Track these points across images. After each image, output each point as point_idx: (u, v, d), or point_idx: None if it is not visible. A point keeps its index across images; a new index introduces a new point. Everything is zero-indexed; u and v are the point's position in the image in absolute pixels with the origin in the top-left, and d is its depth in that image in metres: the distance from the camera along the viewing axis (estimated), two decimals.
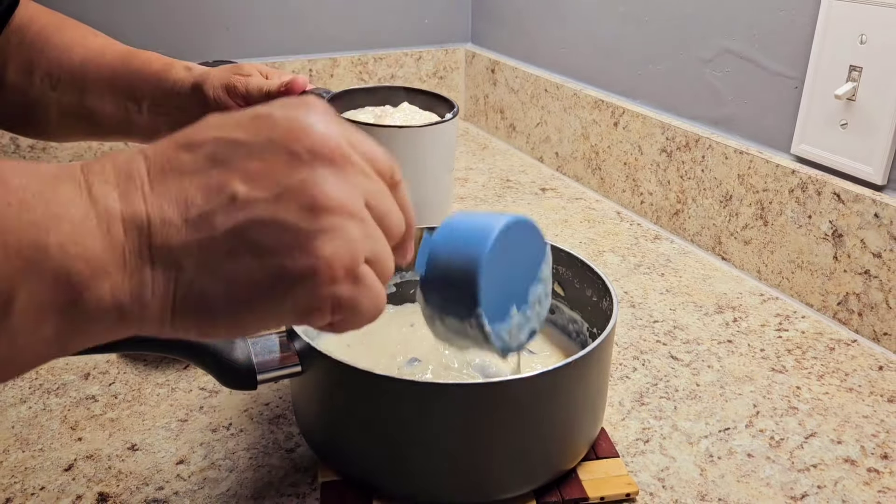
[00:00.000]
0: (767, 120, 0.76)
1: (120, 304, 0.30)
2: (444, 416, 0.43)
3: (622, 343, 0.66)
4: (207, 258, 0.30)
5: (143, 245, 0.30)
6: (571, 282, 0.56)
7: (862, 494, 0.49)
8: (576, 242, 0.85)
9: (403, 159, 0.60)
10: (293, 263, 0.31)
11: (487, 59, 1.25)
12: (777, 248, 0.74)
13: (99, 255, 0.29)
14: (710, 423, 0.55)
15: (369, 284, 0.33)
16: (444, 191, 0.66)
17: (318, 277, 0.31)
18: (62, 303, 0.28)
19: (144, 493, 0.48)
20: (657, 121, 0.88)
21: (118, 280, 0.29)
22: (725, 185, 0.79)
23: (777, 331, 0.68)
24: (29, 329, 0.28)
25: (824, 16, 0.68)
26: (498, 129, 1.25)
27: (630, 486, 0.48)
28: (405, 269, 0.60)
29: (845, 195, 0.67)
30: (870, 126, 0.65)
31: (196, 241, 0.30)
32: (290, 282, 0.31)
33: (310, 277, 0.31)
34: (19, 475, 0.49)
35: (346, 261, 0.32)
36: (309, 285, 0.31)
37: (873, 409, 0.57)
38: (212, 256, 0.30)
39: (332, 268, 0.31)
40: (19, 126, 0.78)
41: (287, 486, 0.49)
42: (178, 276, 0.30)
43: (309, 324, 0.34)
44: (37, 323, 0.28)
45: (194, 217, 0.30)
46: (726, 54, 0.80)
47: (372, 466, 0.46)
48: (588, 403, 0.47)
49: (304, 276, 0.31)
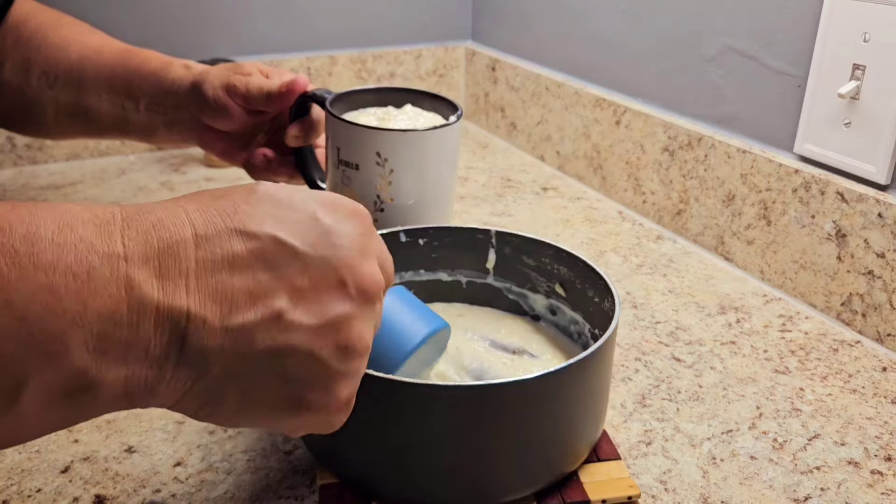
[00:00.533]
0: (770, 119, 0.76)
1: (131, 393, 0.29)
2: (444, 418, 0.42)
3: (624, 344, 0.65)
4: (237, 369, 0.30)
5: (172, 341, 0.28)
6: (573, 282, 0.56)
7: (865, 497, 0.48)
8: (577, 242, 0.85)
9: (408, 162, 0.60)
10: (314, 397, 0.32)
11: (488, 56, 1.24)
12: (780, 248, 0.74)
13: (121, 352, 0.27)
14: (713, 425, 0.55)
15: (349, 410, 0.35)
16: (447, 193, 0.66)
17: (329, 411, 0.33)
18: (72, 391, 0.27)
19: (141, 496, 0.47)
20: (659, 119, 0.87)
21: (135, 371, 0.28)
22: (728, 184, 0.79)
23: (780, 332, 0.67)
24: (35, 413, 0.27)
25: (827, 14, 0.67)
26: (498, 128, 1.24)
27: (632, 488, 0.48)
28: (404, 271, 0.60)
29: (849, 195, 0.66)
30: (873, 125, 0.65)
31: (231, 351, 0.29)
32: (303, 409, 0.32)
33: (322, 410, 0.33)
34: (16, 477, 0.49)
35: (347, 398, 0.34)
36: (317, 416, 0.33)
37: (877, 411, 0.57)
38: (242, 369, 0.30)
39: (338, 404, 0.33)
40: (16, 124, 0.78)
41: (285, 488, 0.48)
42: (200, 377, 0.30)
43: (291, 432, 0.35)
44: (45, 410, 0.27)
45: (236, 326, 0.29)
46: (729, 53, 0.79)
47: (371, 469, 0.45)
48: (590, 405, 0.47)
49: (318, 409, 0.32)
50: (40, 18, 0.73)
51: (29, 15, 0.73)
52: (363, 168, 0.60)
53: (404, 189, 0.61)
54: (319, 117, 0.66)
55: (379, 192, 0.61)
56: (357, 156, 0.60)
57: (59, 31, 0.72)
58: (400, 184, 0.61)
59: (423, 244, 0.59)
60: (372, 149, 0.59)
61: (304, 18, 1.19)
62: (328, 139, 0.63)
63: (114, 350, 0.27)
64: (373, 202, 0.61)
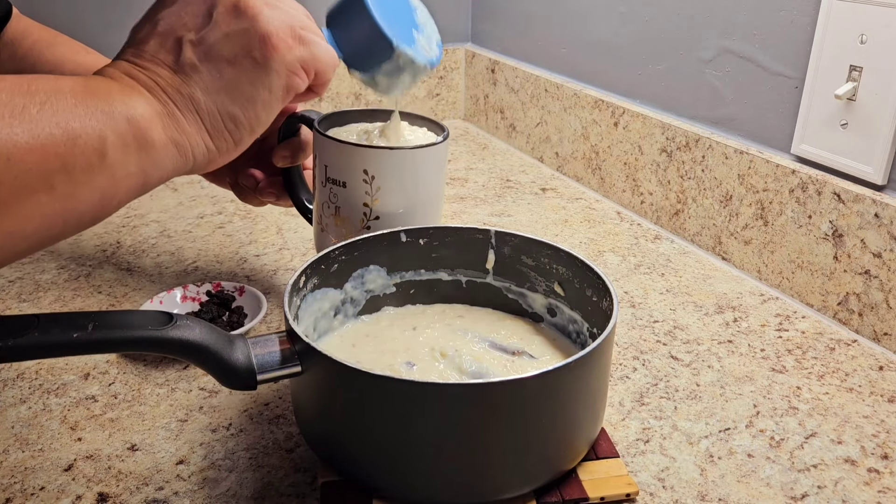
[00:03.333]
0: (767, 120, 0.76)
1: (173, 138, 0.42)
2: (444, 416, 0.43)
3: (622, 343, 0.66)
4: (205, 83, 0.43)
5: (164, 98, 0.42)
6: (571, 282, 0.56)
7: (862, 495, 0.49)
8: (576, 242, 0.85)
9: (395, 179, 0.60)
10: (257, 52, 0.44)
11: (487, 58, 1.25)
12: (777, 248, 0.74)
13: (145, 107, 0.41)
14: (711, 424, 0.55)
15: (314, 40, 0.47)
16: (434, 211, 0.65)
17: (279, 50, 0.44)
18: (138, 140, 0.40)
19: (144, 494, 0.48)
20: (657, 121, 0.88)
21: (166, 122, 0.42)
22: (725, 185, 0.79)
23: (777, 331, 0.68)
24: (121, 163, 0.39)
25: (824, 16, 0.68)
26: (498, 129, 1.25)
27: (630, 486, 0.48)
28: (405, 271, 0.60)
29: (845, 195, 0.67)
30: (870, 126, 0.65)
31: (190, 78, 0.43)
32: (265, 65, 0.44)
33: (273, 53, 0.44)
34: (19, 475, 0.49)
35: (288, 30, 0.44)
36: (277, 59, 0.44)
37: (873, 410, 0.57)
38: (206, 81, 0.43)
39: (282, 38, 0.44)
40: None
41: (287, 486, 0.49)
42: (196, 105, 0.43)
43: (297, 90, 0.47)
44: (125, 157, 0.39)
45: (178, 66, 0.43)
46: (726, 54, 0.80)
47: (372, 467, 0.46)
48: (588, 403, 0.47)
49: (270, 55, 0.44)
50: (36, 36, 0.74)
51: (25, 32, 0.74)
52: (350, 185, 0.60)
53: (391, 206, 0.61)
54: (308, 138, 0.66)
55: (366, 209, 0.61)
56: (344, 173, 0.60)
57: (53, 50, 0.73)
58: (387, 200, 0.61)
59: (424, 244, 0.60)
60: (359, 166, 0.59)
61: None
62: (316, 158, 0.64)
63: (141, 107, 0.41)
64: (360, 219, 0.61)
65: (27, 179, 0.36)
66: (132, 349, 0.43)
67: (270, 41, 0.44)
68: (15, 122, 0.36)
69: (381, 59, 0.53)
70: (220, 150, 0.45)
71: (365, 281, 0.59)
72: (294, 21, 0.46)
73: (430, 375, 0.52)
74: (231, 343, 0.45)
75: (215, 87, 0.43)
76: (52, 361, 0.62)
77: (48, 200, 0.37)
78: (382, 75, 0.55)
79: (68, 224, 0.39)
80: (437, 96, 1.32)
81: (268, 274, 0.77)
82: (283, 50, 0.44)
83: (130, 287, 0.74)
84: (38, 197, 0.36)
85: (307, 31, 0.47)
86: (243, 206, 0.96)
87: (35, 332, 0.40)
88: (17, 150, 0.35)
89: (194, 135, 0.43)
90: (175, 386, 0.59)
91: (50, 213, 0.37)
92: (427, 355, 0.54)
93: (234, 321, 0.65)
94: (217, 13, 0.44)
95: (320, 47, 0.47)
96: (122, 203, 0.42)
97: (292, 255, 0.81)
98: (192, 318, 0.44)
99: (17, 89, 0.37)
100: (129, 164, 0.40)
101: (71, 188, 0.37)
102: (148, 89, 0.42)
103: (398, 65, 0.54)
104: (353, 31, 0.53)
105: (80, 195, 0.38)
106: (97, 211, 0.40)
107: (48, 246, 0.45)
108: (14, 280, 0.76)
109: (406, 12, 0.57)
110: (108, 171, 0.39)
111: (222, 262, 0.80)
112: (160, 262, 0.80)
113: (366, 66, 0.55)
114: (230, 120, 0.44)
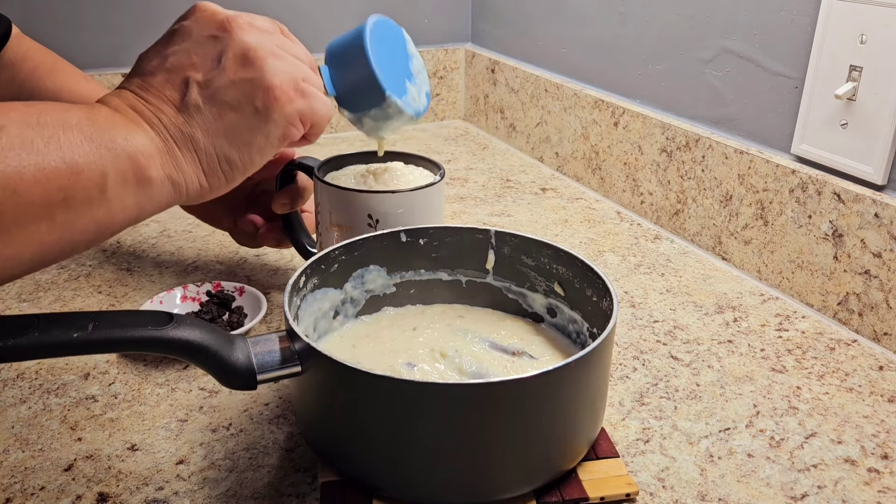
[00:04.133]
0: (767, 120, 0.76)
1: (170, 175, 0.43)
2: (444, 416, 0.43)
3: (622, 343, 0.66)
4: (206, 125, 0.44)
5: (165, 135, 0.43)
6: (571, 282, 0.56)
7: (862, 494, 0.49)
8: (576, 242, 0.85)
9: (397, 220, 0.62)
10: (260, 102, 0.45)
11: (487, 58, 1.25)
12: (777, 248, 0.74)
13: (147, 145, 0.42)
14: (711, 423, 0.55)
15: (314, 94, 0.48)
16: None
17: (280, 102, 0.45)
18: (137, 177, 0.41)
19: (144, 494, 0.48)
20: (657, 121, 0.88)
21: (165, 160, 0.43)
22: (725, 185, 0.79)
23: (777, 331, 0.68)
24: (119, 197, 0.41)
25: (824, 16, 0.68)
26: (498, 129, 1.25)
27: (630, 486, 0.48)
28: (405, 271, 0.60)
29: (845, 195, 0.67)
30: (870, 126, 0.65)
31: (192, 118, 0.44)
32: (265, 115, 0.45)
33: (275, 104, 0.45)
34: (19, 475, 0.49)
35: (291, 83, 0.46)
36: (278, 110, 0.45)
37: (873, 409, 0.57)
38: (208, 123, 0.44)
39: (284, 91, 0.45)
40: None
41: (287, 486, 0.49)
42: (195, 145, 0.44)
43: (292, 139, 0.48)
44: (124, 191, 0.41)
45: (182, 106, 0.44)
46: (726, 54, 0.80)
47: (372, 467, 0.46)
48: (588, 403, 0.47)
49: (272, 106, 0.45)
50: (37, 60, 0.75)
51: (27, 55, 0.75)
52: (356, 229, 0.62)
53: None
54: (305, 185, 0.68)
55: None
56: (349, 218, 0.62)
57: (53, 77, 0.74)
58: None
59: (424, 244, 0.60)
60: (363, 211, 0.62)
61: (305, 22, 1.20)
62: (319, 204, 0.65)
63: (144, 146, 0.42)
64: None
65: (30, 210, 0.38)
66: (132, 349, 0.43)
67: (273, 93, 0.45)
68: (23, 155, 0.37)
69: (371, 104, 0.56)
70: (213, 187, 0.47)
71: (365, 281, 0.59)
72: (298, 72, 0.47)
73: (431, 376, 0.52)
74: (231, 343, 0.45)
75: (215, 130, 0.45)
76: (52, 361, 0.62)
77: (48, 230, 0.39)
78: (370, 118, 0.58)
79: (63, 251, 0.41)
80: (437, 96, 1.32)
81: (268, 274, 0.77)
82: (285, 102, 0.46)
83: (130, 287, 0.74)
84: (39, 226, 0.38)
85: (308, 82, 0.48)
86: None
87: (35, 332, 0.40)
88: (24, 182, 0.37)
89: (190, 173, 0.44)
90: (175, 386, 0.59)
91: (48, 241, 0.39)
92: (427, 356, 0.54)
93: (234, 321, 0.65)
94: (226, 58, 0.45)
95: (319, 101, 0.48)
96: (115, 232, 0.43)
97: (292, 255, 0.81)
98: (192, 318, 0.44)
99: (26, 121, 0.38)
100: (127, 199, 0.41)
101: (70, 219, 0.39)
102: (151, 125, 0.43)
103: (387, 112, 0.57)
104: (349, 73, 0.56)
105: (78, 225, 0.40)
106: (92, 240, 0.42)
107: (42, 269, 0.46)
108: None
109: (402, 61, 0.60)
110: (107, 204, 0.40)
111: (222, 262, 0.80)
112: (160, 262, 0.80)
113: (356, 108, 0.57)
114: (226, 161, 0.46)
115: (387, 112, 0.57)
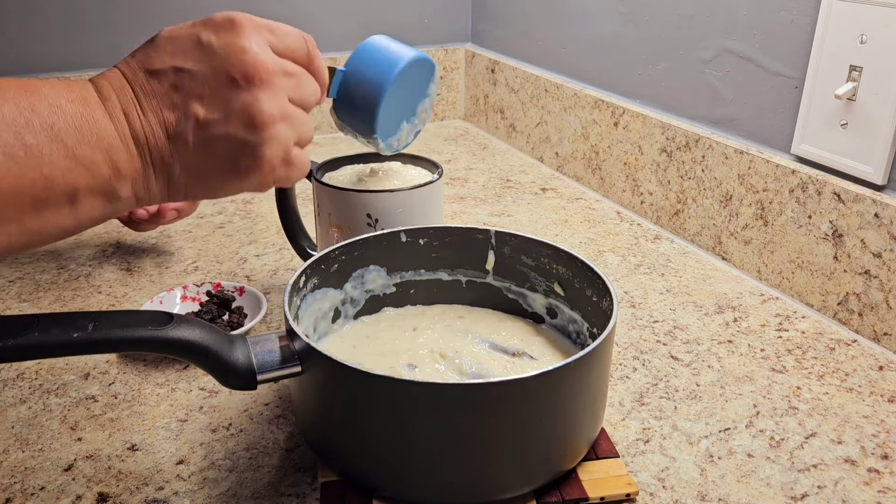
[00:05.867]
0: (767, 120, 0.76)
1: (137, 194, 0.43)
2: (444, 416, 0.43)
3: (622, 343, 0.66)
4: (187, 163, 0.43)
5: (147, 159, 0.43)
6: (571, 282, 0.56)
7: (862, 494, 0.49)
8: (576, 242, 0.85)
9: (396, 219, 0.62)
10: (246, 164, 0.44)
11: (487, 58, 1.25)
12: (777, 248, 0.74)
13: (126, 166, 0.42)
14: (710, 424, 0.55)
15: (297, 163, 0.46)
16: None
17: (263, 171, 0.45)
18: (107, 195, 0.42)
19: (144, 494, 0.48)
20: (657, 121, 0.88)
21: (137, 182, 0.43)
22: (725, 185, 0.79)
23: (777, 331, 0.68)
24: (87, 209, 0.41)
25: (824, 16, 0.68)
26: (498, 129, 1.25)
27: (630, 486, 0.48)
28: (405, 271, 0.60)
29: (845, 195, 0.67)
30: (870, 126, 0.65)
31: (178, 153, 0.43)
32: (245, 173, 0.44)
33: (257, 171, 0.44)
34: (19, 475, 0.49)
35: (282, 155, 0.45)
36: (257, 176, 0.45)
37: (873, 409, 0.57)
38: (190, 162, 0.43)
39: (272, 163, 0.45)
40: None
41: (287, 486, 0.49)
42: (170, 175, 0.43)
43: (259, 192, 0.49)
44: (92, 204, 0.41)
45: (173, 135, 0.42)
46: (726, 54, 0.80)
47: (372, 467, 0.46)
48: (588, 403, 0.47)
49: (253, 172, 0.44)
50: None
51: None
52: (355, 229, 0.63)
53: None
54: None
55: None
56: (348, 219, 0.63)
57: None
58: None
59: (424, 244, 0.60)
60: (362, 210, 0.62)
61: (305, 21, 1.20)
62: (318, 205, 0.65)
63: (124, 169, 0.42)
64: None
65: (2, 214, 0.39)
66: (132, 349, 0.43)
67: (260, 162, 0.44)
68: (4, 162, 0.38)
69: (357, 129, 0.57)
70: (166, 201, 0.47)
71: (365, 281, 0.59)
72: (294, 137, 0.46)
73: (431, 377, 0.52)
74: (231, 343, 0.45)
75: (194, 171, 0.44)
76: (52, 361, 0.62)
77: (16, 232, 0.40)
78: (350, 133, 0.59)
79: (27, 248, 0.42)
80: (437, 96, 1.32)
81: (268, 274, 0.77)
82: (267, 171, 0.45)
83: (130, 287, 0.74)
84: (7, 228, 0.39)
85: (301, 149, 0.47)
86: (243, 206, 0.96)
87: (35, 332, 0.40)
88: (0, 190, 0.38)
89: (156, 192, 0.44)
90: (175, 386, 0.59)
91: (15, 242, 0.40)
92: (427, 357, 0.54)
93: (234, 321, 0.65)
94: (233, 112, 0.42)
95: (300, 170, 0.47)
96: (78, 233, 0.46)
97: (292, 255, 0.81)
98: (192, 318, 0.44)
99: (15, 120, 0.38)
100: (94, 211, 0.42)
101: (38, 224, 0.40)
102: (137, 145, 0.42)
103: (366, 141, 0.58)
104: (356, 96, 0.55)
105: (45, 230, 0.41)
106: (56, 239, 0.43)
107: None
108: (14, 280, 0.76)
109: (414, 99, 0.59)
110: (75, 214, 0.41)
111: (222, 262, 0.80)
112: (160, 262, 0.80)
113: (344, 120, 0.58)
114: (192, 194, 0.46)
115: (366, 141, 0.58)
